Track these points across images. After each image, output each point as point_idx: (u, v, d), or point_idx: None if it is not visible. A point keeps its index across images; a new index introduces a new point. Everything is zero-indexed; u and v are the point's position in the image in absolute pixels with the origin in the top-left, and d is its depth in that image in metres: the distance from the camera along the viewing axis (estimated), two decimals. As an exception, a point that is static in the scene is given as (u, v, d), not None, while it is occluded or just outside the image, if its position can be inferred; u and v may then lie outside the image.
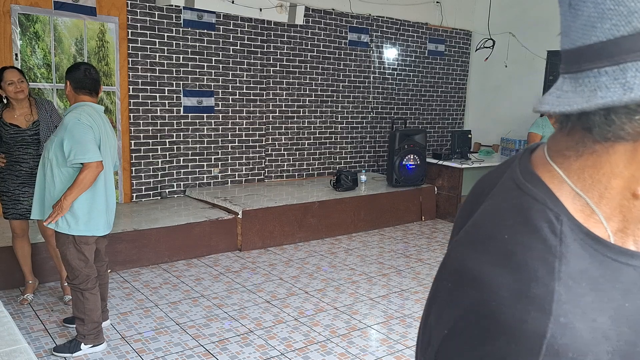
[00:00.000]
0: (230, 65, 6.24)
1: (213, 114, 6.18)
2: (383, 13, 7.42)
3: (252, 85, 6.45)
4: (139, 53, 5.57)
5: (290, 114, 6.84)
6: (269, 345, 3.45)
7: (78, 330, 3.24)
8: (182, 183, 6.10)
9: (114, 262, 4.56)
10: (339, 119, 7.31)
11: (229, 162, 6.43)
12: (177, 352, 3.33)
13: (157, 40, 5.66)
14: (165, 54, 5.74)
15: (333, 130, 7.28)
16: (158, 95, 5.76)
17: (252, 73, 6.42)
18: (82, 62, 3.84)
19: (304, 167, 7.11)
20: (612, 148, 0.54)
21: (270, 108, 6.66)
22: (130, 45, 5.51)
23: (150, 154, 5.82)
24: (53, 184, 3.07)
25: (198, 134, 6.11)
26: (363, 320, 3.89)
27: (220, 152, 6.33)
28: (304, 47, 6.79)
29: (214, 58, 6.10)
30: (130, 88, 5.58)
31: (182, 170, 6.07)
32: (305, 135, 7.03)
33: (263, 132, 6.65)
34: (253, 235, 5.41)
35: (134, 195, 5.77)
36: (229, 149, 6.40)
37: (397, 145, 6.59)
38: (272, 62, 6.56)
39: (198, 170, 6.19)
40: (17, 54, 4.95)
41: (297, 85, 6.82)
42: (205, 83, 6.08)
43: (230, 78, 6.26)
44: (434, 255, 5.48)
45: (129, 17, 5.47)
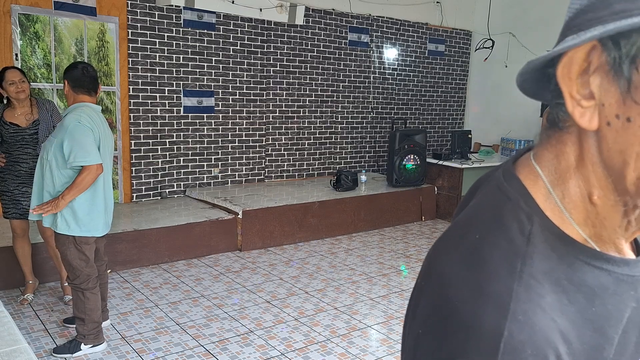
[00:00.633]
0: (230, 65, 6.24)
1: (213, 114, 6.19)
2: (383, 13, 7.42)
3: (252, 85, 6.45)
4: (139, 53, 5.57)
5: (290, 114, 6.84)
6: (269, 345, 3.45)
7: (78, 330, 3.24)
8: (182, 183, 6.10)
9: (114, 262, 4.56)
10: (339, 119, 7.31)
11: (229, 162, 6.43)
12: (177, 352, 3.33)
13: (157, 41, 5.67)
14: (166, 54, 5.74)
15: (333, 130, 7.28)
16: (158, 96, 5.76)
17: (252, 73, 6.42)
18: (79, 61, 3.81)
19: (304, 167, 7.11)
20: (563, 136, 0.57)
21: (270, 108, 6.66)
22: (130, 45, 5.51)
23: (151, 154, 5.82)
24: (52, 185, 3.07)
25: (198, 134, 6.11)
26: (363, 321, 3.89)
27: (221, 152, 6.33)
28: (304, 47, 6.79)
29: (214, 58, 6.10)
30: (130, 88, 5.58)
31: (182, 170, 6.07)
32: (305, 135, 7.03)
33: (263, 132, 6.65)
34: (253, 235, 5.41)
35: (134, 195, 5.77)
36: (229, 149, 6.40)
37: (397, 145, 6.59)
38: (272, 62, 6.56)
39: (198, 170, 6.19)
40: (17, 54, 4.95)
41: (297, 85, 6.82)
42: (206, 83, 6.08)
43: (231, 78, 6.26)
44: (434, 255, 5.47)
45: (129, 17, 5.47)
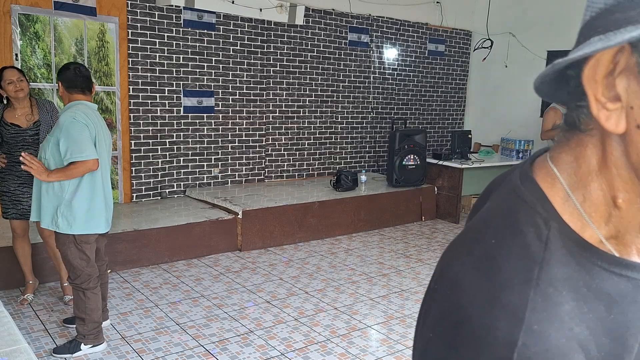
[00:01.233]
0: (230, 66, 6.24)
1: (213, 114, 6.19)
2: (383, 13, 7.42)
3: (252, 86, 6.45)
4: (139, 53, 5.57)
5: (290, 114, 6.84)
6: (269, 346, 3.45)
7: (78, 330, 3.24)
8: (182, 183, 6.10)
9: (114, 262, 4.56)
10: (339, 119, 7.32)
11: (229, 162, 6.43)
12: (177, 352, 3.33)
13: (157, 41, 5.67)
14: (165, 54, 5.74)
15: (333, 130, 7.28)
16: (158, 96, 5.76)
17: (252, 73, 6.42)
18: (71, 62, 3.83)
19: (304, 167, 7.11)
20: (584, 139, 0.56)
21: (270, 108, 6.66)
22: (130, 46, 5.51)
23: (150, 154, 5.82)
24: (55, 184, 3.06)
25: (198, 134, 6.11)
26: (363, 321, 3.89)
27: (220, 152, 6.33)
28: (304, 47, 6.79)
29: (214, 58, 6.10)
30: (130, 88, 5.58)
31: (182, 171, 6.07)
32: (305, 135, 7.03)
33: (263, 132, 6.65)
34: (253, 235, 5.41)
35: (134, 196, 5.77)
36: (229, 149, 6.40)
37: (397, 145, 6.59)
38: (272, 62, 6.56)
39: (198, 171, 6.19)
40: (17, 54, 4.95)
41: (297, 85, 6.82)
42: (205, 83, 6.08)
43: (230, 78, 6.26)
44: (434, 256, 5.48)
45: (129, 17, 5.47)
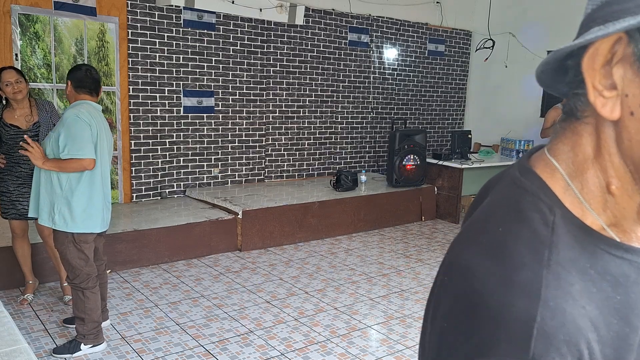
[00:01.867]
0: (230, 66, 6.24)
1: (213, 114, 6.19)
2: (383, 13, 7.42)
3: (252, 86, 6.45)
4: (139, 53, 5.57)
5: (290, 114, 6.84)
6: (269, 346, 3.45)
7: (78, 330, 3.24)
8: (182, 183, 6.10)
9: (114, 262, 4.56)
10: (339, 119, 7.31)
11: (229, 162, 6.43)
12: (177, 352, 3.33)
13: (157, 41, 5.67)
14: (165, 54, 5.74)
15: (333, 130, 7.28)
16: (158, 96, 5.76)
17: (252, 73, 6.42)
18: (83, 63, 3.89)
19: (304, 167, 7.11)
20: (580, 128, 0.58)
21: (270, 108, 6.66)
22: (130, 46, 5.51)
23: (150, 154, 5.82)
24: (57, 181, 3.06)
25: (198, 134, 6.11)
26: (363, 321, 3.89)
27: (220, 152, 6.33)
28: (304, 47, 6.79)
29: (214, 58, 6.10)
30: (130, 88, 5.58)
31: (182, 171, 6.07)
32: (305, 135, 7.03)
33: (263, 132, 6.65)
34: (253, 236, 5.41)
35: (134, 196, 5.77)
36: (229, 149, 6.40)
37: (397, 145, 6.59)
38: (272, 62, 6.56)
39: (198, 171, 6.19)
40: (17, 54, 4.95)
41: (297, 85, 6.82)
42: (205, 83, 6.08)
43: (230, 78, 6.26)
44: (434, 256, 5.48)
45: (129, 17, 5.47)
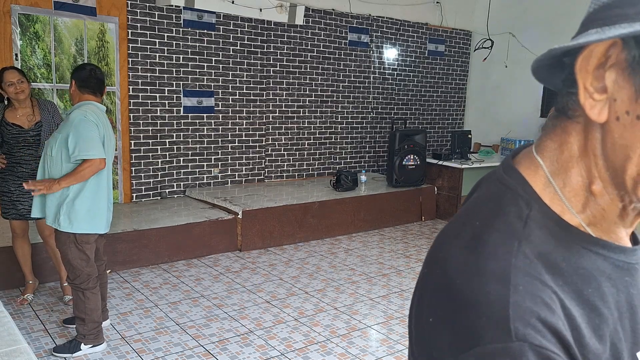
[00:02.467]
0: (230, 66, 6.24)
1: (213, 114, 6.18)
2: (383, 13, 7.41)
3: (252, 86, 6.45)
4: (139, 53, 5.57)
5: (290, 114, 6.84)
6: (269, 346, 3.45)
7: (78, 330, 3.24)
8: (182, 183, 6.10)
9: (114, 262, 4.56)
10: (339, 119, 7.31)
11: (229, 162, 6.43)
12: (177, 352, 3.33)
13: (157, 41, 5.66)
14: (165, 54, 5.74)
15: (333, 130, 7.28)
16: (158, 96, 5.76)
17: (252, 73, 6.42)
18: (88, 63, 3.90)
19: (304, 167, 7.11)
20: (569, 126, 0.59)
21: (270, 108, 6.66)
22: (130, 46, 5.51)
23: (150, 154, 5.81)
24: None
25: (198, 134, 6.11)
26: (363, 321, 3.89)
27: (220, 152, 6.33)
28: (304, 47, 6.79)
29: (214, 58, 6.10)
30: (130, 88, 5.58)
31: (182, 171, 6.07)
32: (305, 135, 7.03)
33: (263, 132, 6.65)
34: (253, 236, 5.41)
35: (134, 196, 5.77)
36: (229, 149, 6.40)
37: (397, 145, 6.59)
38: (272, 62, 6.56)
39: (198, 171, 6.19)
40: (17, 54, 4.95)
41: (297, 85, 6.82)
42: (205, 83, 6.08)
43: (230, 78, 6.26)
44: (434, 256, 5.47)
45: (129, 17, 5.47)
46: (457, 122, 8.78)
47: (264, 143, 6.68)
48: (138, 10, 5.50)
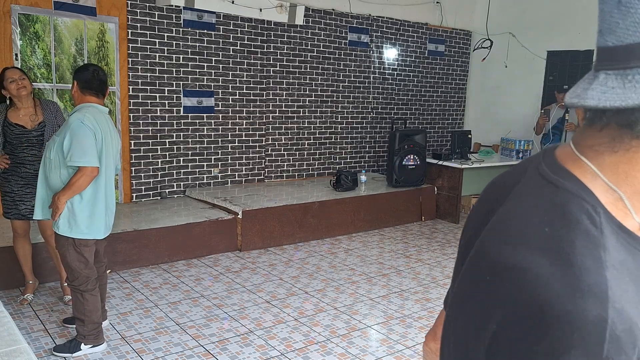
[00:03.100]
0: (230, 66, 6.24)
1: (213, 114, 6.18)
2: (383, 13, 7.41)
3: (252, 86, 6.45)
4: (139, 53, 5.57)
5: (290, 114, 6.84)
6: (269, 346, 3.45)
7: (78, 331, 3.24)
8: (182, 183, 6.10)
9: (114, 262, 4.56)
10: (339, 119, 7.32)
11: (229, 162, 6.43)
12: (177, 352, 3.33)
13: (157, 41, 5.66)
14: (165, 54, 5.74)
15: (333, 130, 7.28)
16: (158, 96, 5.76)
17: (252, 73, 6.42)
18: (91, 63, 3.88)
19: (304, 167, 7.11)
20: (635, 143, 0.56)
21: (270, 108, 6.66)
22: (130, 46, 5.51)
23: (150, 154, 5.82)
24: (61, 183, 3.06)
25: (198, 134, 6.11)
26: (363, 321, 3.89)
27: (220, 152, 6.33)
28: (304, 47, 6.79)
29: (214, 58, 6.10)
30: (130, 88, 5.58)
31: (182, 171, 6.07)
32: (305, 135, 7.03)
33: (263, 132, 6.65)
34: (253, 236, 5.41)
35: (134, 196, 5.77)
36: (229, 149, 6.40)
37: (397, 145, 6.59)
38: (272, 62, 6.56)
39: (198, 171, 6.19)
40: (17, 54, 4.95)
41: (297, 85, 6.82)
42: (205, 83, 6.08)
43: (230, 78, 6.26)
44: (434, 256, 5.48)
45: (129, 17, 5.47)
46: (457, 122, 8.78)
47: (264, 143, 6.68)
48: (138, 10, 5.50)
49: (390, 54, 7.64)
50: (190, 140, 6.06)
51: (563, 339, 0.51)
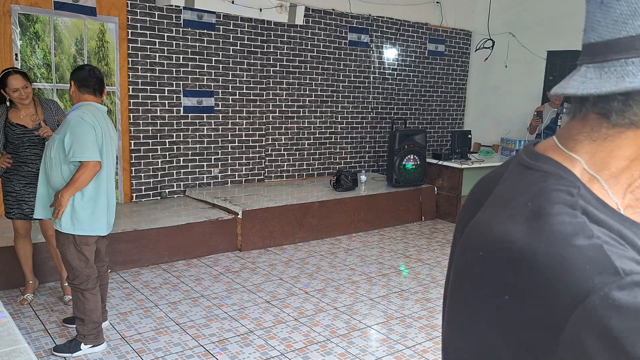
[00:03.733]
0: (230, 66, 6.24)
1: (213, 114, 6.18)
2: (383, 13, 7.42)
3: (252, 85, 6.45)
4: (139, 53, 5.57)
5: (290, 114, 6.84)
6: (269, 346, 3.45)
7: (78, 330, 3.24)
8: (182, 183, 6.10)
9: (114, 262, 4.56)
10: (339, 119, 7.31)
11: (229, 162, 6.43)
12: (177, 352, 3.33)
13: (157, 41, 5.66)
14: (165, 54, 5.74)
15: (333, 130, 7.28)
16: (158, 95, 5.76)
17: (252, 73, 6.42)
18: (87, 63, 3.90)
19: (304, 167, 7.11)
20: (624, 133, 0.60)
21: (270, 108, 6.66)
22: (130, 46, 5.51)
23: (150, 154, 5.82)
24: (62, 182, 3.06)
25: (198, 134, 6.11)
26: (363, 321, 3.89)
27: (220, 152, 6.33)
28: (304, 47, 6.79)
29: (214, 58, 6.10)
30: (130, 88, 5.58)
31: (182, 171, 6.07)
32: (305, 135, 7.03)
33: (263, 132, 6.65)
34: (253, 235, 5.41)
35: (134, 195, 5.77)
36: (229, 149, 6.40)
37: (397, 145, 6.59)
38: (272, 62, 6.56)
39: (198, 171, 6.19)
40: (17, 54, 4.95)
41: (297, 85, 6.82)
42: (205, 83, 6.08)
43: (230, 78, 6.26)
44: (434, 256, 5.48)
45: (129, 17, 5.47)
46: (457, 122, 8.78)
47: (264, 143, 6.68)
48: (138, 10, 5.50)
49: (390, 54, 7.64)
50: (190, 140, 6.06)
51: (577, 275, 0.54)
